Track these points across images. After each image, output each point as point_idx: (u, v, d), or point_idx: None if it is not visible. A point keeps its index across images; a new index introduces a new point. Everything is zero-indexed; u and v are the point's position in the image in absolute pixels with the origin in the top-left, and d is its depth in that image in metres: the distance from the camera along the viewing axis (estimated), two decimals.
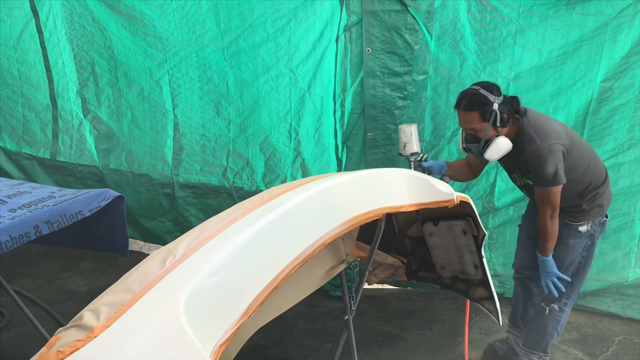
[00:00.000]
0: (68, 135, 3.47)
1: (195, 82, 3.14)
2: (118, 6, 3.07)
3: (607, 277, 3.04)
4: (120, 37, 3.14)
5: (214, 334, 1.02)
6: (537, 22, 2.66)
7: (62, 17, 3.23)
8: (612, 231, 2.96)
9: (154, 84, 3.19)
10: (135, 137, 3.36)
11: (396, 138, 2.89)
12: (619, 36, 2.63)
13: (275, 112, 3.06)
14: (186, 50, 3.07)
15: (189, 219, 3.38)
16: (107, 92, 3.32)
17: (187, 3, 2.97)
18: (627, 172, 2.89)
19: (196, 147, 3.26)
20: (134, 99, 3.27)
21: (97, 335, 0.95)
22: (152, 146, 3.34)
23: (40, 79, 3.39)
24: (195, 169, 3.29)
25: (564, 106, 2.80)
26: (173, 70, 3.14)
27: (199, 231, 1.23)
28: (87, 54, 3.27)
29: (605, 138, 2.83)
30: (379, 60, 2.78)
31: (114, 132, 3.40)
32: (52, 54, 3.31)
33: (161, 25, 3.05)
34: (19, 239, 1.67)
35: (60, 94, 3.40)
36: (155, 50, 3.11)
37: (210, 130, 3.21)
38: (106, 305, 1.02)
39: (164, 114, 3.26)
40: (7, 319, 2.87)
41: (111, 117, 3.37)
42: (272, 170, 3.16)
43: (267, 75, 2.99)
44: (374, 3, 2.69)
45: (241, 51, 2.99)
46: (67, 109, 3.42)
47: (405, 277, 2.42)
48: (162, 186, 3.37)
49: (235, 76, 3.04)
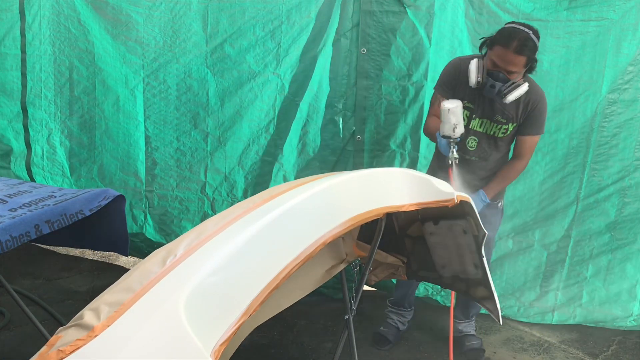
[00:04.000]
0: (39, 145, 3.28)
1: (172, 92, 3.01)
2: (105, 8, 2.95)
3: (611, 309, 2.93)
4: (102, 41, 3.02)
5: (215, 333, 1.02)
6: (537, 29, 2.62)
7: (49, 18, 3.08)
8: (616, 262, 2.85)
9: (129, 92, 3.05)
10: (108, 150, 3.19)
11: (386, 143, 2.86)
12: (623, 42, 2.54)
13: (257, 122, 2.96)
14: (166, 56, 2.96)
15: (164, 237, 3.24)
16: (82, 101, 3.15)
17: (177, 5, 2.88)
18: (634, 196, 2.73)
19: (170, 162, 3.12)
20: (109, 108, 3.12)
21: (97, 335, 0.95)
22: (124, 160, 3.18)
23: (15, 85, 3.20)
24: (172, 185, 3.15)
25: (567, 124, 2.68)
26: (149, 78, 3.00)
27: (199, 230, 1.23)
28: (68, 58, 3.11)
29: (611, 159, 2.70)
30: (374, 62, 2.74)
31: (85, 144, 3.22)
32: (31, 58, 3.14)
33: (145, 29, 2.93)
34: (20, 238, 1.67)
35: (31, 101, 3.21)
36: (133, 55, 2.98)
37: (185, 143, 3.07)
38: (107, 304, 1.02)
39: (136, 125, 3.10)
40: (8, 318, 2.87)
41: (83, 127, 3.19)
42: (253, 185, 3.06)
43: (252, 83, 2.90)
44: (372, 3, 2.66)
45: (226, 57, 2.89)
46: (37, 117, 3.23)
47: (406, 276, 2.42)
48: (134, 203, 3.21)
49: (217, 84, 2.94)
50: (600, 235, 2.86)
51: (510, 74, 2.24)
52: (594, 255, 2.90)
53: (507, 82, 2.24)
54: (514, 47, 2.17)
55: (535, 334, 2.98)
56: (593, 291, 2.95)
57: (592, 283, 2.94)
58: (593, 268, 2.91)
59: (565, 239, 2.89)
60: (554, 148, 2.76)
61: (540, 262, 2.95)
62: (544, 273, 2.96)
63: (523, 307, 3.04)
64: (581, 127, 2.70)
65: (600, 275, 2.92)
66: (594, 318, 2.98)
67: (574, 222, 2.86)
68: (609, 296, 2.93)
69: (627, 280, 2.89)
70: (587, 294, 2.96)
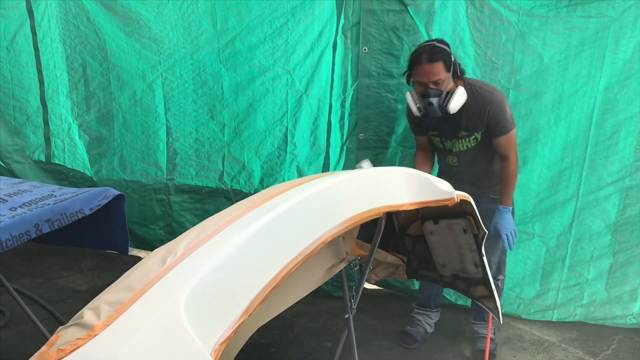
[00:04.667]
0: (60, 139, 3.38)
1: (189, 85, 3.10)
2: (114, 6, 3.03)
3: (611, 308, 2.94)
4: (114, 39, 3.10)
5: (215, 333, 1.02)
6: (538, 26, 2.62)
7: (57, 17, 3.16)
8: (618, 265, 2.85)
9: (147, 87, 3.14)
10: (127, 142, 3.30)
11: (388, 140, 2.90)
12: (622, 40, 2.57)
13: (271, 115, 3.03)
14: (181, 52, 3.04)
15: (184, 224, 3.32)
16: (98, 96, 3.25)
17: (184, 3, 2.94)
18: (636, 198, 2.72)
19: (190, 152, 3.23)
20: (126, 102, 3.21)
21: (97, 334, 0.95)
22: (144, 151, 3.29)
23: (32, 81, 3.29)
24: (191, 174, 3.26)
25: (566, 116, 2.72)
26: (167, 73, 3.09)
27: (199, 230, 1.23)
28: (80, 55, 3.20)
29: (610, 157, 2.71)
30: (376, 61, 2.77)
31: (104, 137, 3.33)
32: (45, 55, 3.23)
33: (156, 27, 3.01)
34: (20, 237, 1.67)
35: (50, 96, 3.31)
36: (149, 52, 3.06)
37: (204, 134, 3.17)
38: (107, 303, 1.02)
39: (155, 117, 3.20)
40: (8, 317, 2.88)
41: (101, 121, 3.30)
42: (269, 174, 3.14)
43: (263, 78, 2.97)
44: (373, 2, 2.68)
45: (237, 53, 2.96)
46: (56, 112, 3.33)
47: (406, 275, 2.42)
48: (155, 192, 3.31)
49: (230, 79, 3.01)
50: (601, 237, 2.86)
51: (437, 84, 2.31)
52: (595, 257, 2.89)
53: (441, 94, 2.30)
54: (425, 58, 2.29)
55: (535, 333, 2.98)
56: (594, 294, 2.95)
57: (593, 285, 2.93)
58: (594, 271, 2.91)
59: (564, 235, 2.89)
60: (552, 140, 2.77)
61: (539, 256, 2.96)
62: (544, 268, 2.97)
63: (523, 304, 3.04)
64: (579, 120, 2.72)
65: (602, 279, 2.91)
66: (595, 316, 2.99)
67: (574, 220, 2.86)
68: (611, 298, 2.93)
69: (629, 284, 2.88)
70: (588, 296, 2.96)
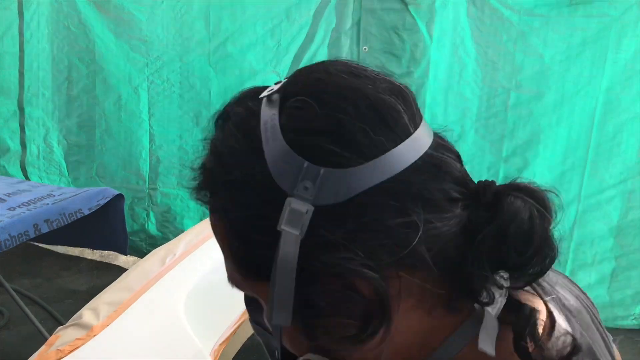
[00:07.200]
0: (35, 145, 3.25)
1: (176, 89, 3.00)
2: (108, 6, 2.96)
3: (612, 310, 2.90)
4: (104, 40, 3.01)
5: (214, 333, 1.02)
6: (539, 26, 2.60)
7: (48, 16, 3.06)
8: (620, 269, 2.83)
9: (132, 91, 3.04)
10: (108, 149, 3.17)
11: None
12: (623, 39, 2.55)
13: None
14: (170, 54, 2.95)
15: (167, 235, 3.19)
16: (81, 99, 3.13)
17: (179, 3, 2.89)
18: (639, 200, 2.69)
19: (173, 160, 3.13)
20: (110, 106, 3.10)
21: (96, 334, 0.94)
22: (125, 159, 3.17)
23: (12, 84, 3.17)
24: (172, 183, 3.16)
25: (567, 116, 2.69)
26: (153, 76, 3.00)
27: (199, 229, 1.23)
28: (67, 56, 3.08)
29: (612, 159, 2.69)
30: (376, 60, 2.75)
31: (84, 143, 3.20)
32: (29, 56, 3.13)
33: (148, 27, 2.93)
34: (18, 237, 1.66)
35: (29, 99, 3.19)
36: (137, 54, 2.97)
37: (187, 141, 3.07)
38: (106, 304, 1.01)
39: (139, 123, 3.09)
40: (7, 317, 2.87)
41: (82, 126, 3.17)
42: None
43: (253, 81, 2.88)
44: (374, 1, 2.67)
45: (228, 56, 2.90)
46: (34, 116, 3.21)
47: None
48: (136, 201, 3.20)
49: (219, 82, 2.94)
50: (603, 240, 2.84)
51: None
52: (597, 261, 2.87)
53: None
54: None
55: None
56: (596, 298, 2.92)
57: (594, 290, 2.92)
58: (596, 275, 2.89)
59: (565, 239, 2.88)
60: (554, 141, 2.76)
61: None
62: None
63: None
64: (581, 121, 2.71)
65: (604, 283, 2.89)
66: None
67: (575, 223, 2.84)
68: (613, 302, 2.91)
69: (632, 288, 2.86)
70: None
